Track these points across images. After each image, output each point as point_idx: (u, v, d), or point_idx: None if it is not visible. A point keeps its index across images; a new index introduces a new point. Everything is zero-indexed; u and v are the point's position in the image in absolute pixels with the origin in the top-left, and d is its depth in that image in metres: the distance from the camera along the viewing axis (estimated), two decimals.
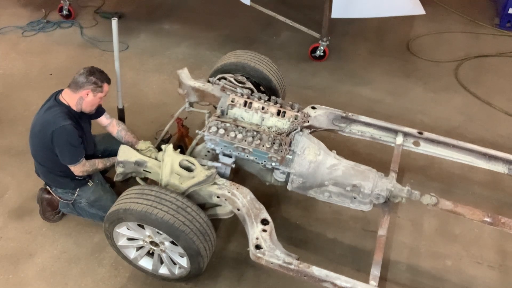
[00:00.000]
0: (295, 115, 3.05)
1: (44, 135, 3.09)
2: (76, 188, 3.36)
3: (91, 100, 3.15)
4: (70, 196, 3.38)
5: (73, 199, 3.38)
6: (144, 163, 3.05)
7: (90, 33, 5.67)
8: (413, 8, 4.46)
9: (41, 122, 3.13)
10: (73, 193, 3.37)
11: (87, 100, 3.14)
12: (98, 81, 3.12)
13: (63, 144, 3.08)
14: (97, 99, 3.19)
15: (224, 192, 2.91)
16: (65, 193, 3.39)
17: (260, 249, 2.70)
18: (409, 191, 2.92)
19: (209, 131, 2.99)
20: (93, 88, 3.11)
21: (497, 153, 3.31)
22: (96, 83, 3.11)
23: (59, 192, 3.39)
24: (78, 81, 3.11)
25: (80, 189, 3.36)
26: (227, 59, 3.79)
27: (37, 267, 3.31)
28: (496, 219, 2.86)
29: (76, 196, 3.37)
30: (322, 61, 5.29)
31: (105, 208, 3.40)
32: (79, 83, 3.10)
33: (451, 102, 4.79)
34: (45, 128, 3.09)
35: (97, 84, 3.11)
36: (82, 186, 3.36)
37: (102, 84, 3.15)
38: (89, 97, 3.13)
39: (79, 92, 3.11)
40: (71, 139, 3.08)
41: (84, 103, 3.15)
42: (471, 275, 3.30)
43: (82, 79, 3.10)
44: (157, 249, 3.00)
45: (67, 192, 3.38)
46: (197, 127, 4.03)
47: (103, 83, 3.15)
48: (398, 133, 3.44)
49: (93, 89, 3.11)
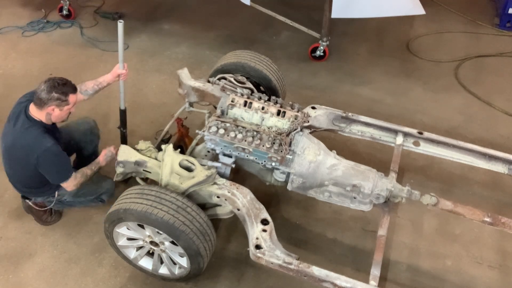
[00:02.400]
0: (295, 115, 3.05)
1: (27, 160, 3.02)
2: (55, 190, 3.33)
3: (58, 114, 3.02)
4: (51, 199, 3.36)
5: (55, 200, 3.35)
6: (144, 163, 3.05)
7: (90, 33, 5.67)
8: (413, 8, 4.46)
9: (21, 145, 3.01)
10: (53, 196, 3.34)
11: (55, 115, 3.01)
12: (62, 96, 2.93)
13: (50, 166, 3.05)
14: (65, 112, 3.04)
15: (224, 192, 2.91)
16: (45, 199, 3.37)
17: (260, 249, 2.70)
18: (409, 191, 2.92)
19: (209, 131, 2.99)
20: (58, 104, 2.95)
21: (497, 153, 3.31)
22: (60, 98, 2.93)
23: (39, 200, 3.38)
24: (41, 98, 2.92)
25: (57, 190, 3.32)
26: (227, 59, 3.78)
27: (37, 267, 3.32)
28: (496, 219, 2.86)
29: (57, 196, 3.35)
30: (322, 61, 5.29)
31: (91, 192, 3.43)
32: (42, 100, 2.92)
33: (451, 102, 4.79)
34: (27, 153, 3.00)
35: (61, 99, 2.94)
36: (58, 188, 3.30)
37: (67, 98, 2.96)
38: (55, 112, 2.99)
39: (45, 109, 2.96)
40: (57, 160, 3.04)
41: (52, 118, 3.03)
42: (471, 275, 3.30)
43: (44, 95, 2.91)
44: (157, 249, 3.00)
45: (47, 197, 3.36)
46: (197, 127, 4.02)
47: (67, 96, 2.96)
48: (398, 133, 3.44)
49: (58, 105, 2.95)
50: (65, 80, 3.00)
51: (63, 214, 3.62)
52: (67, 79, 3.03)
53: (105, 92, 3.61)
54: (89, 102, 4.21)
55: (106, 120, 4.26)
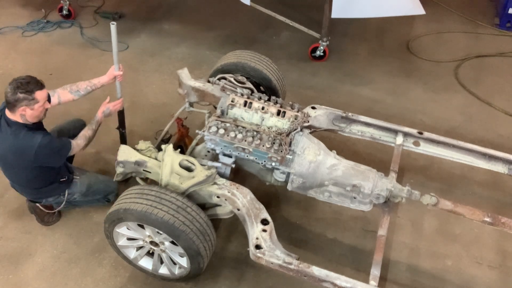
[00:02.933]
0: (295, 115, 3.05)
1: (24, 163, 3.04)
2: (65, 189, 3.36)
3: (31, 114, 2.95)
4: (62, 198, 3.38)
5: (65, 199, 3.38)
6: (144, 163, 3.05)
7: (90, 33, 5.67)
8: (413, 8, 4.46)
9: (13, 151, 3.00)
10: (64, 195, 3.37)
11: (28, 115, 2.94)
12: (27, 95, 2.86)
13: (49, 156, 3.07)
14: (38, 109, 2.96)
15: (224, 192, 2.91)
16: (56, 199, 3.39)
17: (260, 249, 2.70)
18: (409, 191, 2.92)
19: (209, 131, 2.99)
20: (26, 103, 2.88)
21: (497, 153, 3.31)
22: (26, 97, 2.86)
23: (50, 200, 3.40)
24: (9, 101, 2.88)
25: (68, 188, 3.37)
26: (227, 59, 3.78)
27: (37, 267, 3.32)
28: (496, 219, 2.86)
29: (68, 195, 3.38)
30: (322, 61, 5.29)
31: (99, 191, 3.52)
32: (11, 103, 2.88)
33: (451, 102, 4.79)
34: (21, 155, 3.00)
35: (27, 99, 2.87)
36: (69, 186, 3.37)
37: (33, 95, 2.89)
38: (28, 112, 2.93)
39: (17, 112, 2.92)
40: (52, 146, 3.05)
41: (28, 118, 2.96)
42: (471, 275, 3.30)
43: (10, 97, 2.86)
44: (157, 249, 3.00)
45: (58, 197, 3.38)
46: (197, 127, 4.02)
47: (33, 94, 2.88)
48: (398, 133, 3.44)
49: (27, 104, 2.89)
50: (28, 79, 2.93)
51: (63, 214, 3.62)
52: (31, 76, 2.97)
53: (104, 93, 3.61)
54: (89, 103, 4.23)
55: (106, 120, 4.25)
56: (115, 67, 3.37)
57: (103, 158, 4.07)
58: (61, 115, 3.93)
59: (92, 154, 4.06)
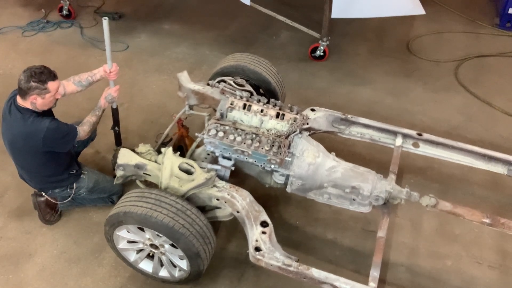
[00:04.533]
0: (294, 117, 3.05)
1: (33, 147, 3.08)
2: (73, 182, 3.41)
3: (42, 103, 3.02)
4: (68, 191, 3.43)
5: (72, 193, 3.42)
6: (144, 166, 3.05)
7: (90, 33, 5.67)
8: (413, 8, 4.46)
9: (22, 135, 3.06)
10: (71, 188, 3.42)
11: (39, 103, 3.02)
12: (40, 84, 2.93)
13: (57, 140, 3.11)
14: (49, 99, 3.04)
15: (224, 194, 2.92)
16: (63, 191, 3.42)
17: (259, 251, 2.70)
18: (408, 193, 2.92)
19: (208, 133, 3.00)
20: (38, 92, 2.95)
21: (497, 154, 3.31)
22: (38, 87, 2.93)
23: (57, 192, 3.42)
24: (22, 88, 2.95)
25: (76, 182, 3.42)
26: (226, 62, 3.79)
27: (37, 267, 3.33)
28: (496, 220, 2.86)
29: (75, 189, 3.43)
30: (322, 61, 5.29)
31: (105, 190, 3.57)
32: (23, 90, 2.95)
33: (451, 102, 4.79)
34: (30, 140, 3.05)
35: (39, 88, 2.94)
36: (77, 179, 3.42)
37: (46, 86, 2.96)
38: (38, 101, 3.00)
39: (28, 99, 2.99)
40: (60, 131, 3.11)
41: (38, 106, 3.04)
42: (471, 275, 3.30)
43: (23, 85, 2.93)
44: (157, 251, 3.01)
45: (65, 189, 3.42)
46: (197, 127, 4.04)
47: (45, 84, 2.95)
48: (398, 135, 3.44)
49: (38, 93, 2.96)
50: (42, 69, 2.98)
51: (63, 214, 3.63)
52: (45, 66, 3.03)
53: None
54: (89, 103, 4.24)
55: (106, 120, 4.25)
56: (108, 64, 3.35)
57: (103, 158, 4.08)
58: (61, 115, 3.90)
59: (92, 154, 4.07)
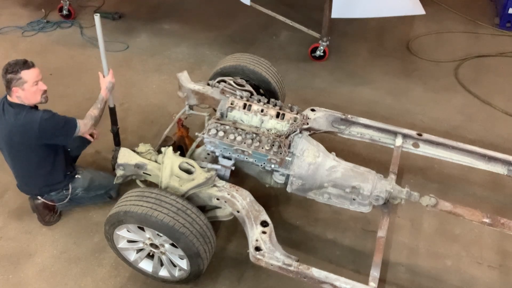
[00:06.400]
0: (294, 117, 3.05)
1: (29, 140, 3.09)
2: (68, 183, 3.41)
3: (25, 95, 3.05)
4: (65, 193, 3.42)
5: (69, 194, 3.42)
6: (144, 165, 3.05)
7: (90, 33, 5.67)
8: (413, 8, 4.46)
9: (18, 129, 3.07)
10: (67, 189, 3.41)
11: (23, 96, 3.05)
12: (13, 75, 2.97)
13: (54, 128, 3.11)
14: (32, 89, 3.05)
15: (224, 194, 2.92)
16: (59, 194, 3.42)
17: (259, 251, 2.70)
18: (408, 193, 2.92)
19: (208, 133, 3.00)
20: (16, 84, 2.99)
21: (497, 154, 3.31)
22: (13, 77, 2.97)
23: (53, 195, 3.42)
24: (4, 84, 3.03)
25: (71, 183, 3.42)
26: (226, 62, 3.79)
27: (37, 267, 3.33)
28: (496, 220, 2.86)
29: (71, 189, 3.42)
30: (322, 61, 5.29)
31: (102, 186, 3.57)
32: (5, 85, 3.03)
33: (451, 102, 4.79)
34: (26, 132, 3.06)
35: (15, 79, 2.97)
36: (72, 180, 3.43)
37: (19, 75, 2.98)
38: (21, 94, 3.03)
39: (12, 94, 3.05)
40: (55, 119, 3.11)
41: (23, 99, 3.07)
42: (471, 275, 3.30)
43: (3, 80, 3.02)
44: (157, 251, 3.01)
45: (60, 192, 3.41)
46: (197, 127, 4.04)
47: (18, 74, 2.97)
48: (398, 135, 3.44)
49: (17, 85, 3.00)
50: (16, 60, 3.03)
51: (63, 214, 3.63)
52: (22, 58, 3.07)
53: None
54: (89, 103, 4.21)
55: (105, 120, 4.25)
56: (105, 70, 3.36)
57: (103, 158, 4.08)
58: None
59: (92, 154, 4.07)
